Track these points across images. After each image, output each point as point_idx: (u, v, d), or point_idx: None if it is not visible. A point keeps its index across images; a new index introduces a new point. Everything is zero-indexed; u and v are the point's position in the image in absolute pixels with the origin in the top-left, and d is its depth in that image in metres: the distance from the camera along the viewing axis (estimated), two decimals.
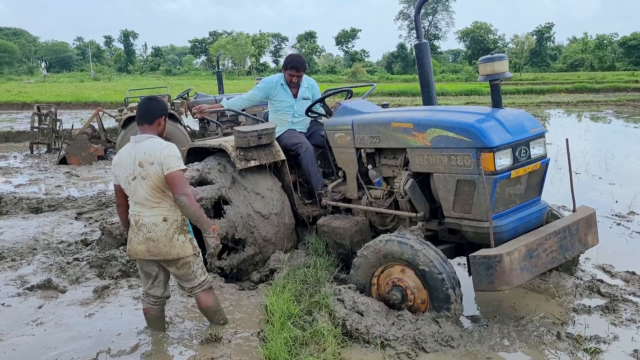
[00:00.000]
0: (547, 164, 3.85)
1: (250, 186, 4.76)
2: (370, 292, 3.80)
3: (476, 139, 3.50)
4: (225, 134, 5.87)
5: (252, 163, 4.73)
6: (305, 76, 5.35)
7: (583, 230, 3.82)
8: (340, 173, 4.75)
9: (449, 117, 3.81)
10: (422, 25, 4.71)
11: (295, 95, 5.29)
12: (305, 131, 5.35)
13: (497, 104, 3.80)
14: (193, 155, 5.18)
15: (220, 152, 4.90)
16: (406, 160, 4.10)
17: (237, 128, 4.83)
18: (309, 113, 5.12)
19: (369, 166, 4.39)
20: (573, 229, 3.74)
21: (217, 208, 4.73)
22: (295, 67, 5.17)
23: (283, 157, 4.90)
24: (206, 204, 4.53)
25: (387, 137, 4.14)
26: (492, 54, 3.69)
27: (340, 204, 4.70)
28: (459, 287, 3.50)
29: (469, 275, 3.54)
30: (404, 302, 3.62)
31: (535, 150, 3.72)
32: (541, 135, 3.79)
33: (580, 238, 3.80)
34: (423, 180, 4.02)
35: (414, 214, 4.02)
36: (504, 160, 3.51)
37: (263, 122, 5.49)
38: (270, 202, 4.78)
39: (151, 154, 3.23)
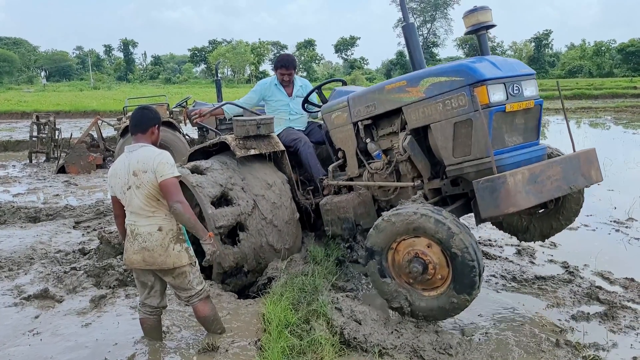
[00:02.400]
0: (541, 105, 3.89)
1: (270, 216, 4.63)
2: (386, 256, 3.71)
3: (467, 75, 3.58)
4: None
5: (252, 152, 4.72)
6: (298, 77, 5.51)
7: (585, 165, 3.82)
8: (339, 154, 4.79)
9: (439, 66, 3.92)
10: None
11: (290, 94, 5.43)
12: (304, 129, 5.43)
13: (484, 54, 3.90)
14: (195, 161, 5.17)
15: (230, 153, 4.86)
16: (403, 123, 4.16)
17: (235, 117, 4.86)
18: (306, 106, 5.23)
19: (368, 140, 4.46)
20: (574, 161, 3.76)
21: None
22: (285, 66, 5.34)
23: (282, 147, 4.92)
24: (224, 232, 4.41)
25: (382, 101, 4.21)
26: (475, 6, 3.79)
27: (341, 182, 4.73)
28: (483, 272, 3.45)
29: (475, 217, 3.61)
30: (423, 274, 3.53)
31: (528, 92, 3.78)
32: (532, 76, 3.86)
33: (584, 173, 3.80)
34: (421, 140, 4.08)
35: (412, 184, 4.08)
36: (497, 95, 3.57)
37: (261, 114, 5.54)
38: (285, 236, 4.72)
39: (145, 162, 3.23)
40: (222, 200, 4.58)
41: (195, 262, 3.44)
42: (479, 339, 3.64)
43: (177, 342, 3.63)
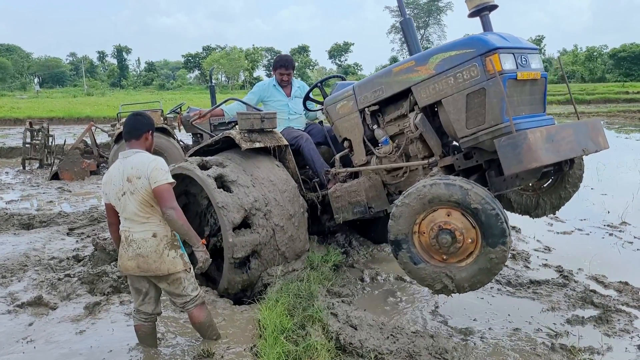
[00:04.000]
0: (546, 78, 3.97)
1: (283, 248, 4.60)
2: (412, 242, 3.65)
3: (478, 46, 3.65)
4: None
5: (257, 144, 4.73)
6: (295, 79, 5.60)
7: (593, 132, 3.88)
8: (345, 144, 4.79)
9: (447, 43, 3.96)
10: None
11: (288, 95, 5.51)
12: (303, 129, 5.46)
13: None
14: None
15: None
16: (412, 104, 4.18)
17: (239, 111, 4.90)
18: (307, 103, 5.27)
19: (374, 127, 4.48)
20: (583, 127, 3.81)
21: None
22: (284, 66, 5.45)
23: (285, 142, 4.95)
24: (239, 262, 4.38)
25: (390, 84, 4.24)
26: None
27: (350, 169, 4.72)
28: (508, 220, 3.44)
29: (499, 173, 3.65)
30: (453, 244, 3.48)
31: (534, 64, 3.85)
32: (536, 51, 3.94)
33: (593, 138, 3.85)
34: (430, 120, 4.11)
35: (426, 161, 4.09)
36: (508, 64, 3.63)
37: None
38: (290, 268, 4.71)
39: (139, 169, 3.23)
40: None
41: (190, 268, 3.43)
42: (475, 344, 3.64)
43: (172, 348, 3.62)
